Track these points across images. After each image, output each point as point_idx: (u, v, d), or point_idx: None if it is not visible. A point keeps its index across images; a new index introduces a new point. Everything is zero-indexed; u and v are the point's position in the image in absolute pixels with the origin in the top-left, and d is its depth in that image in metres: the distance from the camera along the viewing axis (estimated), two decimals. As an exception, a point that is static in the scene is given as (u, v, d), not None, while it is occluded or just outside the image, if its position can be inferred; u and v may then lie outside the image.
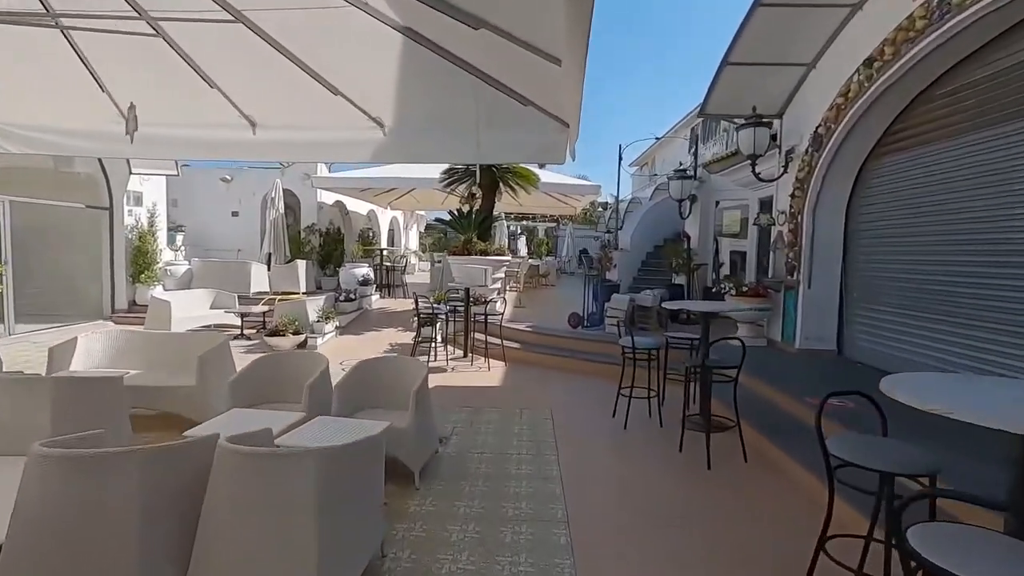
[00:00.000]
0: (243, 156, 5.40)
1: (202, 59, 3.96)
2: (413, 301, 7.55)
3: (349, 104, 4.55)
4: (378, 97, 4.67)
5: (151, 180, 11.03)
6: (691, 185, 9.40)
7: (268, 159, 4.96)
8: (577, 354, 7.51)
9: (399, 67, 4.36)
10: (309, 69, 3.86)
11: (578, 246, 30.20)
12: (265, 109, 4.89)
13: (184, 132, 5.01)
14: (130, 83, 4.30)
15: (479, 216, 10.31)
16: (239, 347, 8.20)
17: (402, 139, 4.96)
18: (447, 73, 4.06)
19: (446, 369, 7.19)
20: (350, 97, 4.47)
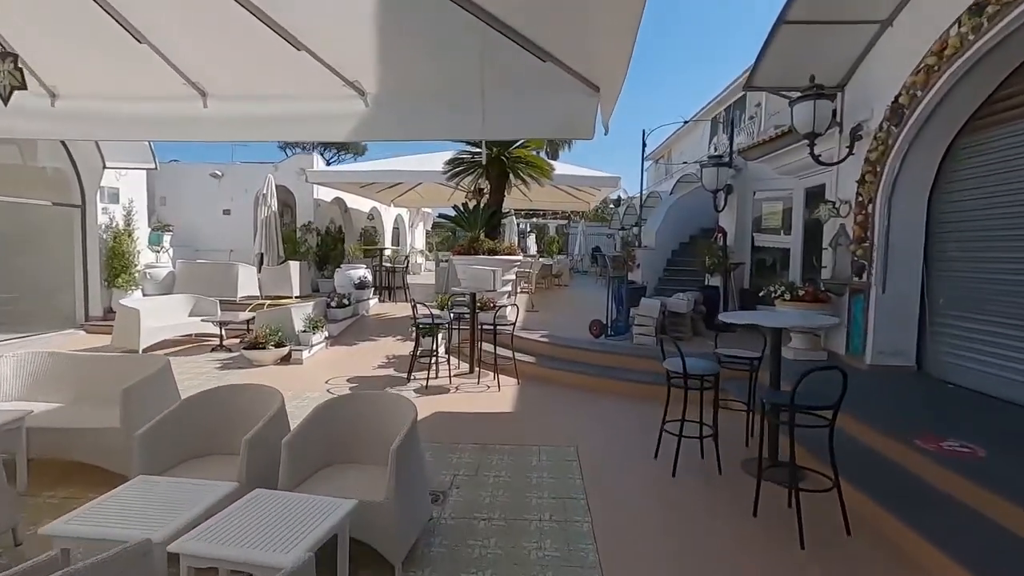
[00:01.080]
0: (192, 135, 4.36)
1: (134, 12, 3.01)
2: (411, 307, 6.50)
3: (320, 66, 3.51)
4: (356, 56, 3.64)
5: (128, 175, 10.08)
6: (727, 174, 8.27)
7: (222, 138, 3.89)
8: (603, 371, 6.43)
9: (381, 16, 3.33)
10: (270, 21, 2.88)
11: (590, 244, 29.15)
12: (217, 75, 3.88)
13: (113, 106, 4.02)
14: (41, 43, 3.33)
15: (487, 211, 9.25)
16: (215, 362, 7.21)
17: (388, 110, 3.92)
18: (443, 20, 3.04)
19: (448, 389, 6.14)
20: (321, 56, 3.45)
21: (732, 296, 8.35)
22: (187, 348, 8.08)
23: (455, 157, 9.39)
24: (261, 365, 7.04)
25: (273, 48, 3.21)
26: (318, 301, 8.43)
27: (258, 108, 3.93)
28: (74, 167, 9.41)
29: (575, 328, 8.15)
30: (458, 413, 5.33)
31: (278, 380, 6.56)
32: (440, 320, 6.36)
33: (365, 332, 8.83)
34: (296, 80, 3.76)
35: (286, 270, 10.99)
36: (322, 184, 12.76)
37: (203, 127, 3.98)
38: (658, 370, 6.36)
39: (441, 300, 8.63)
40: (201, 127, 3.99)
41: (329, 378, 6.47)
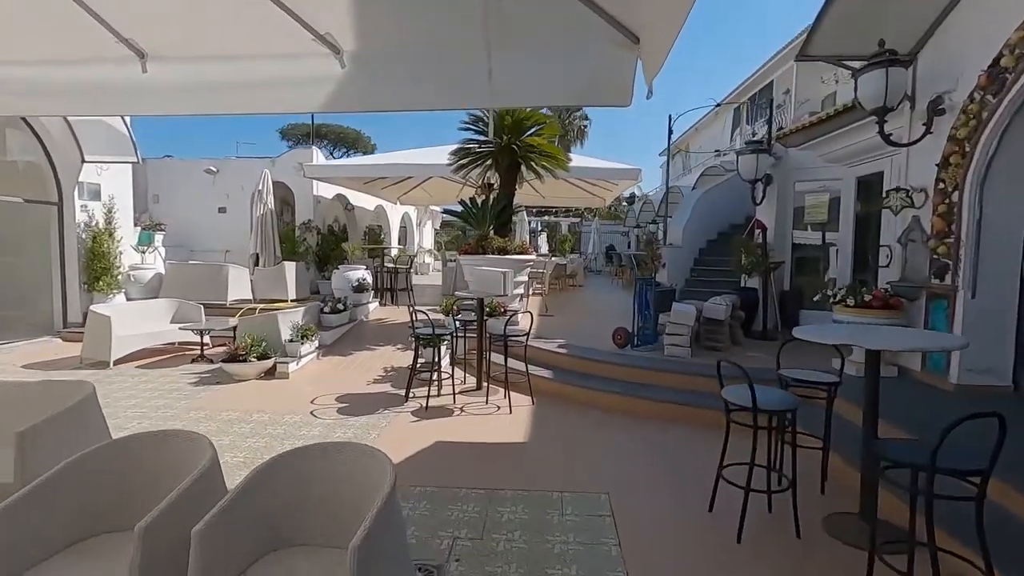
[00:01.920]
0: (128, 108, 3.55)
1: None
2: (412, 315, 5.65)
3: (284, 15, 2.70)
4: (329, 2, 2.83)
5: (110, 169, 9.35)
6: (767, 162, 7.33)
7: (165, 111, 2.97)
8: (631, 388, 5.53)
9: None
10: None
11: (604, 243, 28.19)
12: (157, 30, 3.07)
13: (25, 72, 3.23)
14: None
15: (496, 206, 8.39)
16: (191, 375, 6.42)
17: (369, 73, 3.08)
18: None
19: (452, 410, 5.28)
20: (285, 2, 2.64)
21: (772, 300, 7.41)
22: (165, 359, 7.31)
23: (461, 147, 8.54)
24: (242, 379, 6.24)
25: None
26: (310, 307, 7.62)
27: (209, 72, 3.10)
28: (49, 161, 8.69)
29: (595, 336, 7.27)
30: (461, 444, 4.47)
31: (258, 398, 5.79)
32: (442, 331, 5.50)
33: (363, 340, 8.00)
34: (254, 36, 2.94)
35: (280, 271, 10.21)
36: (320, 179, 11.98)
37: (142, 98, 3.18)
38: (695, 387, 5.49)
39: (446, 304, 7.79)
40: (139, 98, 3.18)
41: (316, 396, 5.65)
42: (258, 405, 5.34)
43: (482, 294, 5.82)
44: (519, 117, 8.10)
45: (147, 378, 6.33)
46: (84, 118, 8.62)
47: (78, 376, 6.37)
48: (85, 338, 7.06)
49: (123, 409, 5.16)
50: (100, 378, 6.31)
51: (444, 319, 7.77)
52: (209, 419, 4.89)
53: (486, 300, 6.28)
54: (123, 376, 6.42)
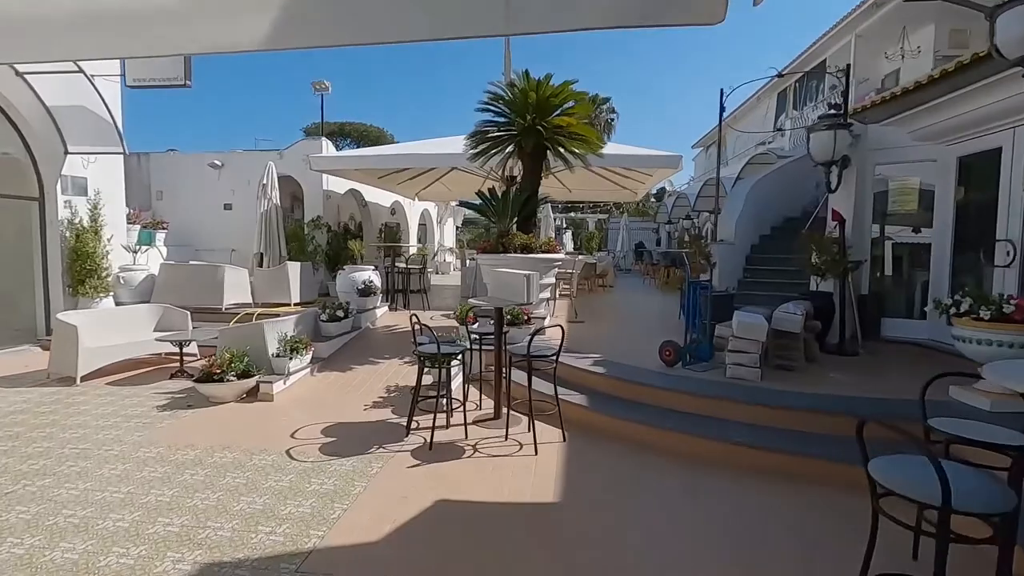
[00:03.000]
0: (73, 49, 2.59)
1: None
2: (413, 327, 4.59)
3: None
4: None
5: (97, 161, 8.55)
6: (845, 140, 6.07)
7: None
8: (691, 424, 4.38)
9: None
10: None
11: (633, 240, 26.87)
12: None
13: None
14: None
15: (520, 196, 7.29)
16: (163, 396, 5.50)
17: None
18: None
19: (463, 449, 4.21)
20: None
21: (851, 307, 6.15)
22: (142, 373, 6.42)
23: (478, 130, 7.45)
24: (219, 402, 5.28)
25: None
26: (303, 314, 6.63)
27: None
28: (29, 152, 7.92)
29: (636, 350, 6.14)
30: (471, 506, 3.39)
31: (229, 429, 4.62)
32: (452, 348, 4.43)
33: (366, 351, 6.99)
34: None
35: (283, 272, 9.31)
36: (328, 172, 11.05)
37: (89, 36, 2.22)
38: (774, 422, 4.30)
39: (460, 311, 6.73)
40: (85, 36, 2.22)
41: (300, 426, 4.65)
42: (226, 439, 4.36)
43: (500, 302, 4.73)
44: (546, 94, 6.97)
45: (111, 399, 5.43)
46: (65, 105, 7.84)
47: (34, 395, 5.51)
48: (52, 350, 6.22)
49: (62, 444, 4.23)
50: (59, 398, 5.43)
51: (457, 328, 6.72)
52: (159, 460, 3.91)
53: (506, 308, 5.20)
54: (85, 395, 5.53)
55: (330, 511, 3.19)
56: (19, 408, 5.12)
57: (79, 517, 3.10)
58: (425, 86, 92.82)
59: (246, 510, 3.19)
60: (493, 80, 7.33)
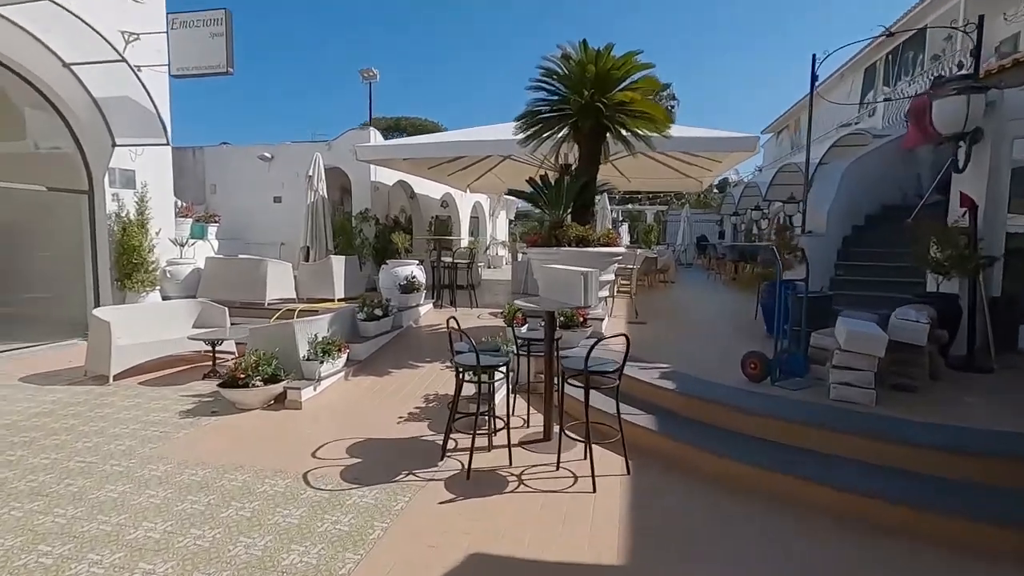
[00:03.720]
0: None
1: None
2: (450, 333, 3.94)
3: None
4: None
5: (144, 154, 8.44)
6: (979, 107, 4.93)
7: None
8: (791, 460, 3.52)
9: None
10: None
11: (695, 232, 25.40)
12: None
13: None
14: None
15: (575, 183, 6.53)
16: (190, 399, 5.14)
17: None
18: None
19: (506, 479, 3.53)
20: None
21: (983, 313, 5.02)
22: (176, 373, 6.13)
23: (529, 110, 6.72)
24: (246, 408, 4.85)
25: None
26: (339, 312, 6.15)
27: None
28: (78, 145, 7.85)
29: (709, 358, 5.29)
30: (514, 566, 2.70)
31: (248, 443, 4.08)
32: (494, 358, 3.75)
33: (406, 353, 6.45)
34: None
35: (327, 267, 8.93)
36: (375, 162, 10.63)
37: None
38: (905, 463, 3.31)
39: (508, 311, 6.06)
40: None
41: (324, 442, 4.11)
42: (242, 455, 3.87)
43: (552, 304, 4.00)
44: (606, 66, 6.16)
45: (137, 401, 5.12)
46: (110, 96, 7.72)
47: (64, 395, 5.28)
48: (88, 347, 6.02)
49: (70, 455, 3.87)
50: (86, 399, 5.17)
51: (504, 331, 6.05)
52: (163, 481, 3.46)
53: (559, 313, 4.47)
54: (113, 397, 5.25)
55: (339, 564, 2.59)
56: (44, 410, 4.87)
57: (54, 556, 2.65)
58: (476, 80, 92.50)
59: (240, 557, 2.64)
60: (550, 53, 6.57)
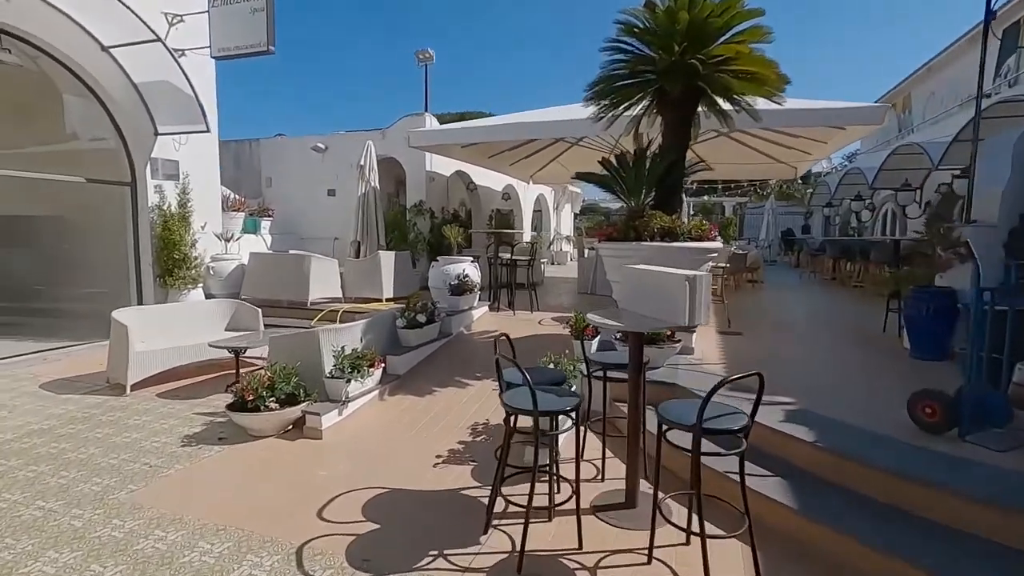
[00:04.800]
0: None
1: None
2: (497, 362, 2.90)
3: None
4: None
5: (188, 143, 7.97)
6: None
7: None
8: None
9: None
10: None
11: (780, 226, 23.12)
12: None
13: None
14: None
15: (659, 163, 5.30)
16: (198, 421, 4.40)
17: None
18: None
19: (573, 574, 2.46)
20: None
21: None
22: (201, 382, 5.48)
23: (604, 75, 5.53)
24: (258, 436, 4.03)
25: None
26: (375, 318, 5.24)
27: None
28: (119, 134, 7.45)
29: (847, 387, 3.99)
30: None
31: (245, 489, 3.25)
32: (556, 405, 2.66)
33: (453, 367, 5.48)
34: None
35: (375, 263, 8.16)
36: (430, 149, 9.77)
37: None
38: None
39: (575, 321, 4.95)
40: None
41: (337, 492, 3.19)
42: (231, 510, 3.01)
43: (641, 322, 2.86)
44: (703, 14, 4.88)
45: (146, 419, 4.43)
46: (150, 81, 7.25)
47: (73, 407, 4.69)
48: (109, 352, 5.47)
49: (36, 495, 3.15)
50: (93, 414, 4.54)
51: (571, 347, 4.94)
52: (117, 549, 2.63)
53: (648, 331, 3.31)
54: (123, 412, 4.60)
55: None
56: (43, 427, 4.27)
57: None
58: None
59: None
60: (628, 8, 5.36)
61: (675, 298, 2.65)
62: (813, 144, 9.88)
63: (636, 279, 3.10)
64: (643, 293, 3.00)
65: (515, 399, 2.60)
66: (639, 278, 3.07)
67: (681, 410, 2.43)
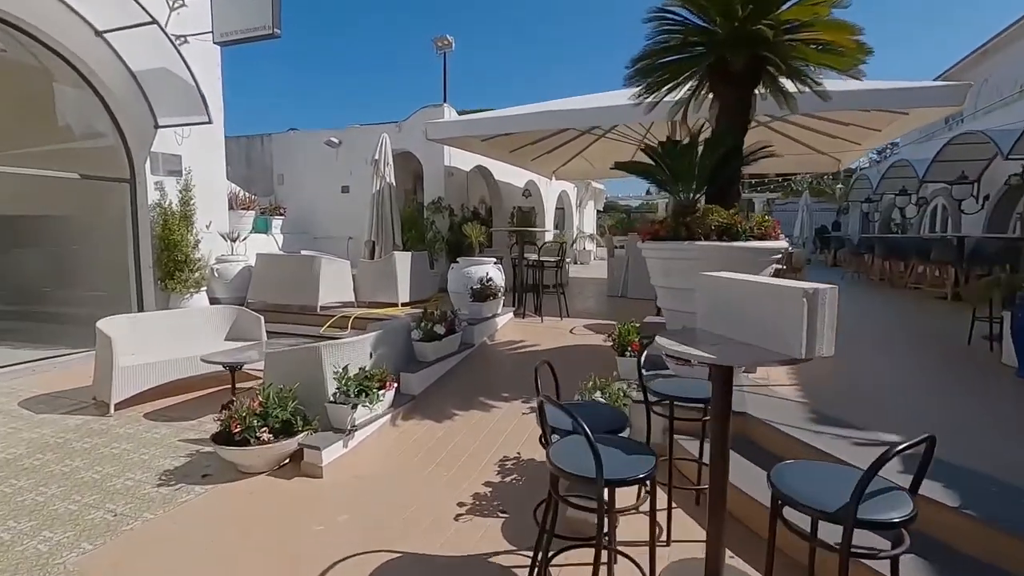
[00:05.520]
0: None
1: None
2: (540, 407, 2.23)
3: None
4: None
5: (191, 136, 7.43)
6: None
7: None
8: None
9: None
10: None
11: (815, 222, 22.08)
12: None
13: None
14: None
15: (712, 150, 4.56)
16: (183, 451, 3.80)
17: None
18: None
19: None
20: None
21: None
22: (194, 399, 4.90)
23: (650, 49, 4.80)
24: (249, 472, 3.42)
25: None
26: (387, 330, 4.58)
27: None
28: (116, 127, 6.93)
29: (958, 419, 3.21)
30: None
31: (215, 552, 2.52)
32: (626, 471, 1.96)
33: (477, 385, 4.81)
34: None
35: (389, 265, 7.55)
36: (447, 141, 9.13)
37: None
38: None
39: (620, 334, 4.24)
40: None
41: (333, 562, 2.54)
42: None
43: (742, 356, 2.13)
44: (770, -28, 4.14)
45: (126, 448, 3.85)
46: (147, 68, 6.71)
47: (49, 430, 4.14)
48: (95, 366, 4.92)
49: (-34, 560, 2.57)
50: (67, 439, 3.98)
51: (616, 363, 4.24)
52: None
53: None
54: (102, 438, 4.03)
55: None
56: (5, 456, 3.71)
57: None
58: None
59: None
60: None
61: (785, 320, 1.93)
62: (864, 133, 9.01)
63: (720, 291, 2.39)
64: (731, 311, 2.28)
65: (569, 459, 1.91)
66: (724, 290, 2.35)
67: (812, 484, 1.72)
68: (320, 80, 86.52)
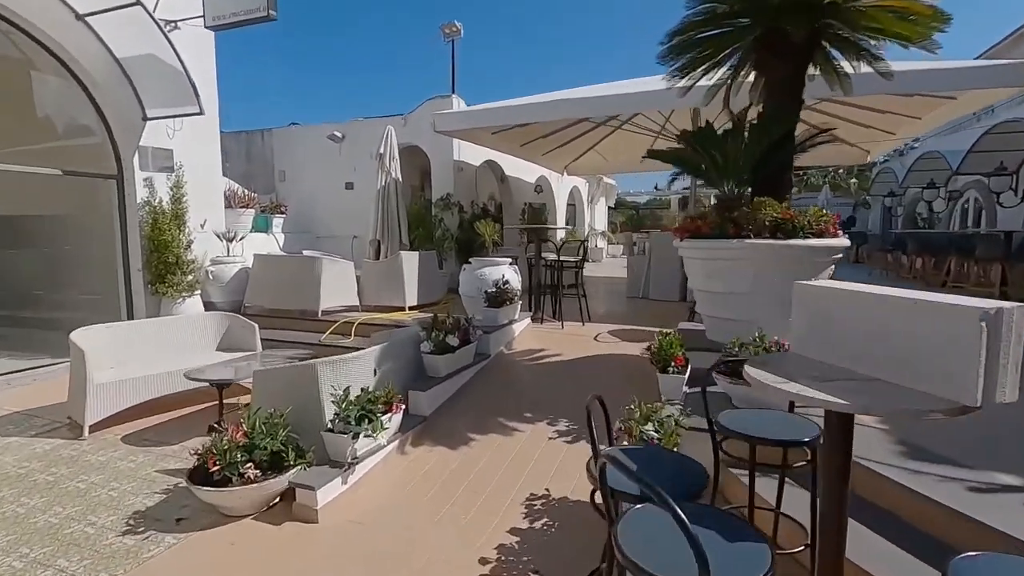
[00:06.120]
0: None
1: None
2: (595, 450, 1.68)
3: None
4: None
5: (183, 129, 6.93)
6: None
7: None
8: None
9: None
10: None
11: (835, 218, 21.29)
12: None
13: None
14: None
15: (758, 137, 4.00)
16: (162, 483, 3.28)
17: None
18: None
19: None
20: None
21: None
22: (179, 418, 4.39)
23: (688, 22, 4.23)
24: (233, 516, 2.90)
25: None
26: (393, 341, 4.03)
27: None
28: (102, 119, 6.43)
29: None
30: None
31: None
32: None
33: (494, 404, 4.27)
34: None
35: (395, 266, 7.03)
36: (456, 134, 8.58)
37: None
38: None
39: (661, 346, 3.68)
40: None
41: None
42: None
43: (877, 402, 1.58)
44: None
45: (95, 480, 3.34)
46: (134, 55, 6.21)
47: (10, 459, 3.64)
48: (70, 382, 4.42)
49: None
50: (33, 468, 3.49)
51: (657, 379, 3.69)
52: None
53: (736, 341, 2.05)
54: (70, 467, 3.53)
55: None
56: (-44, 493, 3.22)
57: None
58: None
59: None
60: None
61: (949, 350, 1.38)
62: (902, 121, 8.40)
63: (830, 306, 1.83)
64: (847, 333, 1.72)
65: (650, 553, 1.35)
66: (837, 305, 1.79)
67: None
68: (320, 80, 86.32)
